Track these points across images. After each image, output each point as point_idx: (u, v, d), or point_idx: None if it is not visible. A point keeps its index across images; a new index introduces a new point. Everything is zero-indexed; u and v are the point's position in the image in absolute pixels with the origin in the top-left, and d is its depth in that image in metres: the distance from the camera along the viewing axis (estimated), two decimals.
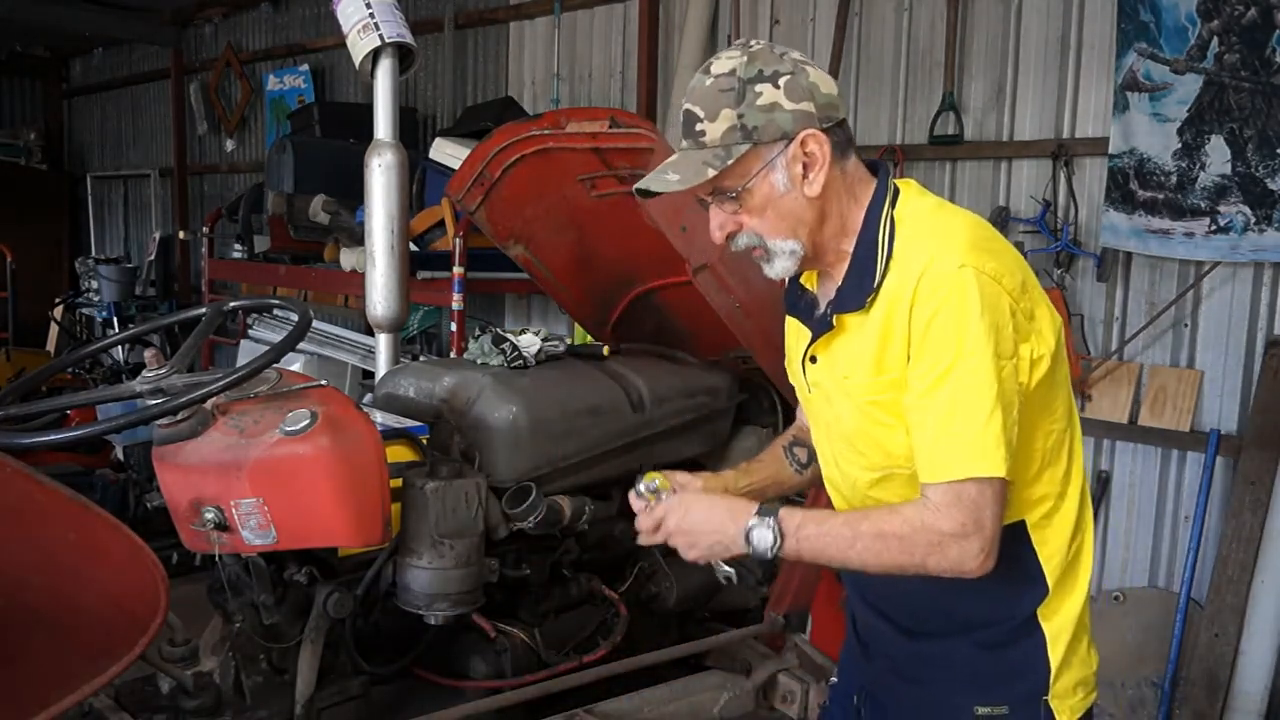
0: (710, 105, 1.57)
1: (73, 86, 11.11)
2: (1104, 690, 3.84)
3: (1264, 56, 3.43)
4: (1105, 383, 3.92)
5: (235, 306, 2.37)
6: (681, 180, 1.58)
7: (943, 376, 1.49)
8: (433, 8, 6.50)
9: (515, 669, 2.34)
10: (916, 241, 1.57)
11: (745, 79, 1.56)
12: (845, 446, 1.72)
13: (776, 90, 1.56)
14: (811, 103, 1.57)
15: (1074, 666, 1.66)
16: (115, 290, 7.76)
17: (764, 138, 1.57)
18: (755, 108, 1.56)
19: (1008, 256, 1.58)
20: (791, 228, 1.61)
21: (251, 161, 8.39)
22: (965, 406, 1.48)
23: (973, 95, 4.25)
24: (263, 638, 2.10)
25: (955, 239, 1.54)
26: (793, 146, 1.57)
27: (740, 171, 1.58)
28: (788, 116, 1.56)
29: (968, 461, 1.48)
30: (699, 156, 1.58)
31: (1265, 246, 3.49)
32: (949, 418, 1.49)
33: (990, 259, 1.52)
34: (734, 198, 1.61)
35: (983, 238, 1.58)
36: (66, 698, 1.37)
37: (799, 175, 1.58)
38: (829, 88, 1.60)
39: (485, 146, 2.68)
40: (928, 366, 1.51)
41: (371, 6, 3.15)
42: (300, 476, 1.87)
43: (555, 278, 2.98)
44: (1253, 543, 3.48)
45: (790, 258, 1.63)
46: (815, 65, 1.62)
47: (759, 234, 1.63)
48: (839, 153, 1.60)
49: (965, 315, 1.47)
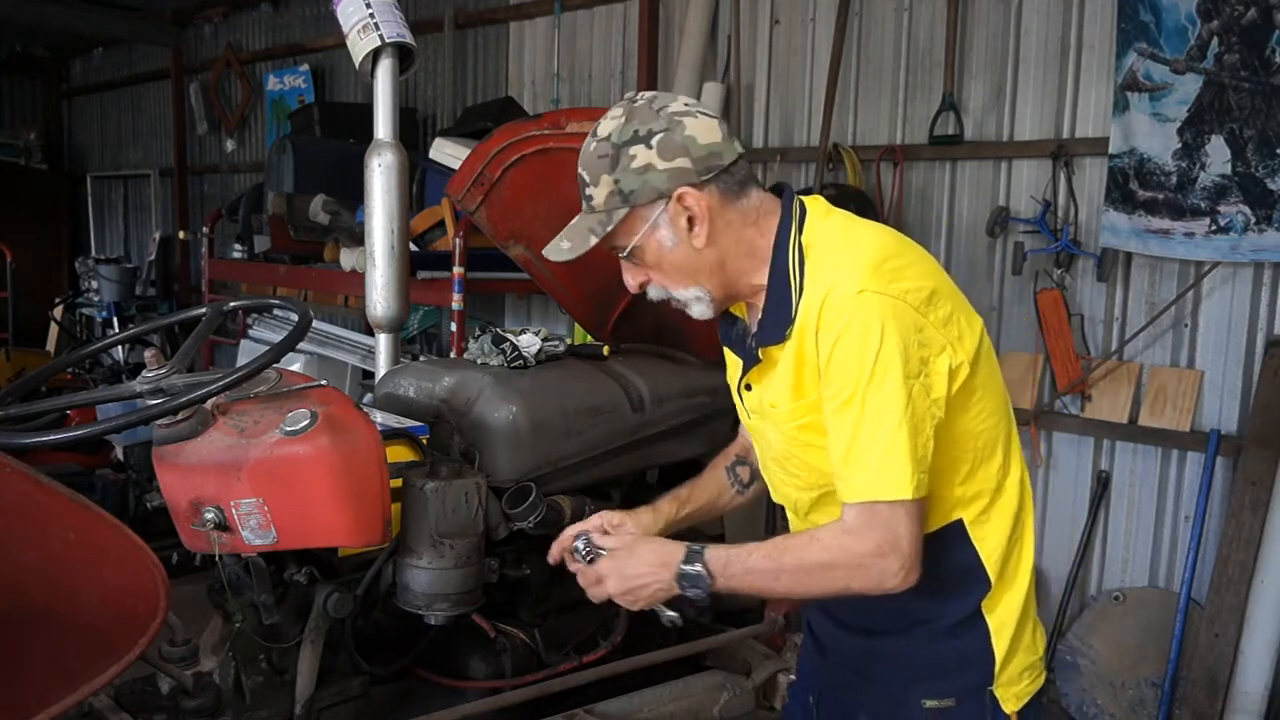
0: (592, 171, 1.64)
1: (73, 86, 11.11)
2: (1104, 690, 3.85)
3: (1264, 56, 3.43)
4: (1105, 383, 3.92)
5: (235, 306, 2.37)
6: (572, 248, 1.65)
7: (848, 402, 1.52)
8: (433, 8, 6.50)
9: (515, 669, 2.34)
10: (822, 266, 1.58)
11: (619, 143, 1.61)
12: (780, 470, 1.77)
13: (649, 150, 1.59)
14: (686, 158, 1.59)
15: (1019, 654, 1.69)
16: (115, 290, 7.75)
17: (640, 200, 1.61)
18: (629, 171, 1.60)
19: (915, 269, 1.58)
20: (690, 277, 1.66)
21: (251, 161, 8.39)
22: (872, 431, 1.50)
23: (973, 95, 4.25)
24: (263, 638, 2.10)
25: (857, 262, 1.55)
26: (671, 204, 1.60)
27: (625, 232, 1.64)
28: (661, 176, 1.59)
29: (877, 485, 1.51)
30: (585, 223, 1.65)
31: (1265, 246, 3.49)
32: (857, 441, 1.52)
33: (892, 278, 1.53)
34: (629, 256, 1.67)
35: (887, 255, 1.57)
36: (66, 698, 1.38)
37: (684, 229, 1.61)
38: (710, 136, 1.60)
39: (485, 146, 2.68)
40: (835, 391, 1.53)
41: (371, 6, 3.15)
42: (300, 476, 1.87)
43: (555, 278, 2.98)
44: (1253, 543, 3.48)
45: (700, 303, 1.68)
46: (700, 113, 1.62)
47: (663, 286, 1.69)
48: (731, 196, 1.63)
49: (866, 341, 1.49)
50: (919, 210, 4.42)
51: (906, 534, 1.51)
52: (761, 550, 1.61)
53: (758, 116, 4.96)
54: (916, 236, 4.37)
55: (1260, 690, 3.42)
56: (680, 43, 5.09)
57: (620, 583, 1.69)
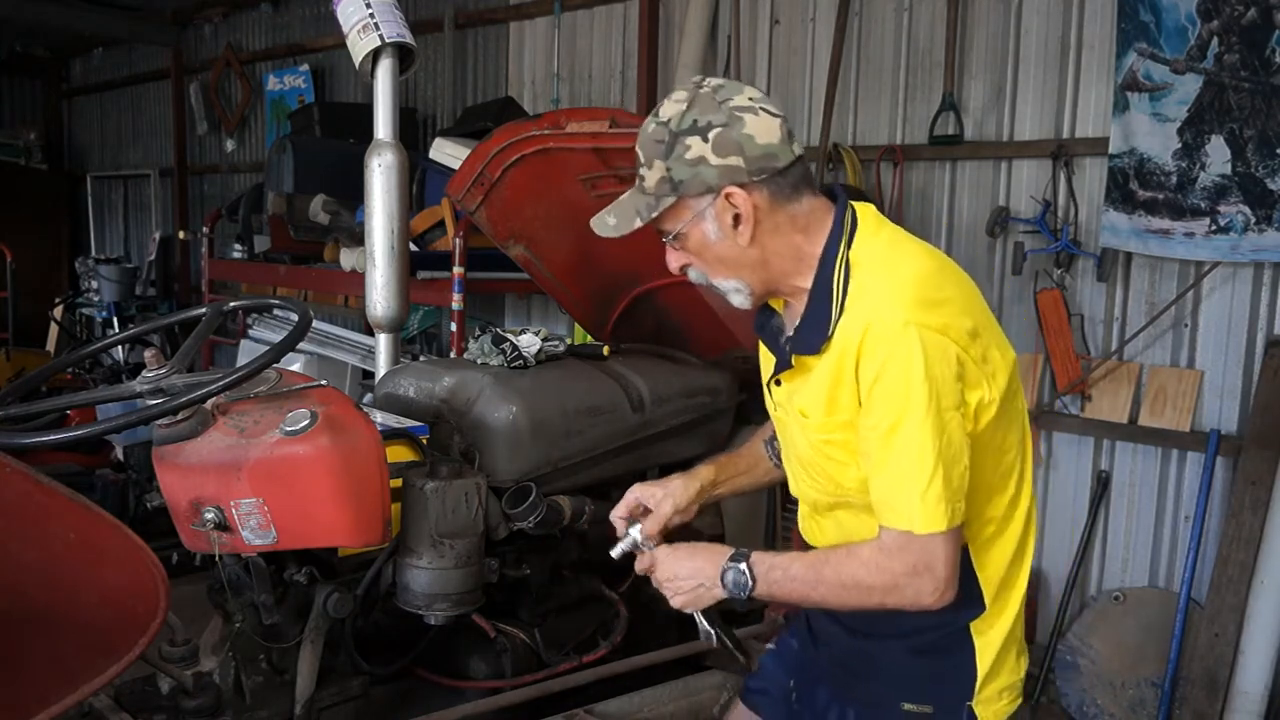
0: (648, 153, 1.64)
1: (73, 86, 11.11)
2: (1104, 690, 3.85)
3: (1264, 56, 3.43)
4: (1105, 383, 3.93)
5: (235, 306, 2.37)
6: (617, 225, 1.68)
7: (889, 432, 1.54)
8: (433, 8, 6.50)
9: (515, 669, 2.34)
10: (867, 290, 1.59)
11: (677, 131, 1.60)
12: (800, 470, 1.81)
13: (705, 144, 1.59)
14: (740, 157, 1.58)
15: (1001, 675, 1.74)
16: (115, 290, 7.75)
17: (689, 191, 1.61)
18: (682, 161, 1.60)
19: (956, 303, 1.60)
20: (732, 270, 1.68)
21: (251, 161, 8.39)
22: (910, 464, 1.54)
23: (973, 95, 4.25)
24: (263, 638, 2.10)
25: (903, 291, 1.56)
26: (719, 200, 1.61)
27: (672, 219, 1.65)
28: (713, 172, 1.59)
29: (914, 517, 1.55)
30: (634, 203, 1.66)
31: (1265, 246, 3.49)
32: (896, 472, 1.55)
33: (937, 312, 1.56)
34: (674, 241, 1.68)
35: (932, 286, 1.59)
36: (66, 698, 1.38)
37: (729, 225, 1.62)
38: (768, 137, 1.60)
39: (485, 146, 2.69)
40: (875, 420, 1.56)
41: (371, 6, 3.15)
42: (300, 476, 1.87)
43: (555, 278, 2.98)
44: (1253, 543, 3.48)
45: (739, 294, 1.71)
46: (763, 109, 1.61)
47: (704, 273, 1.70)
48: (781, 199, 1.62)
49: (909, 374, 1.51)
50: (919, 210, 4.42)
51: (943, 558, 1.55)
52: (803, 560, 1.67)
53: None
54: (916, 236, 4.40)
55: (1260, 690, 3.42)
56: (680, 43, 5.09)
57: (669, 573, 1.75)
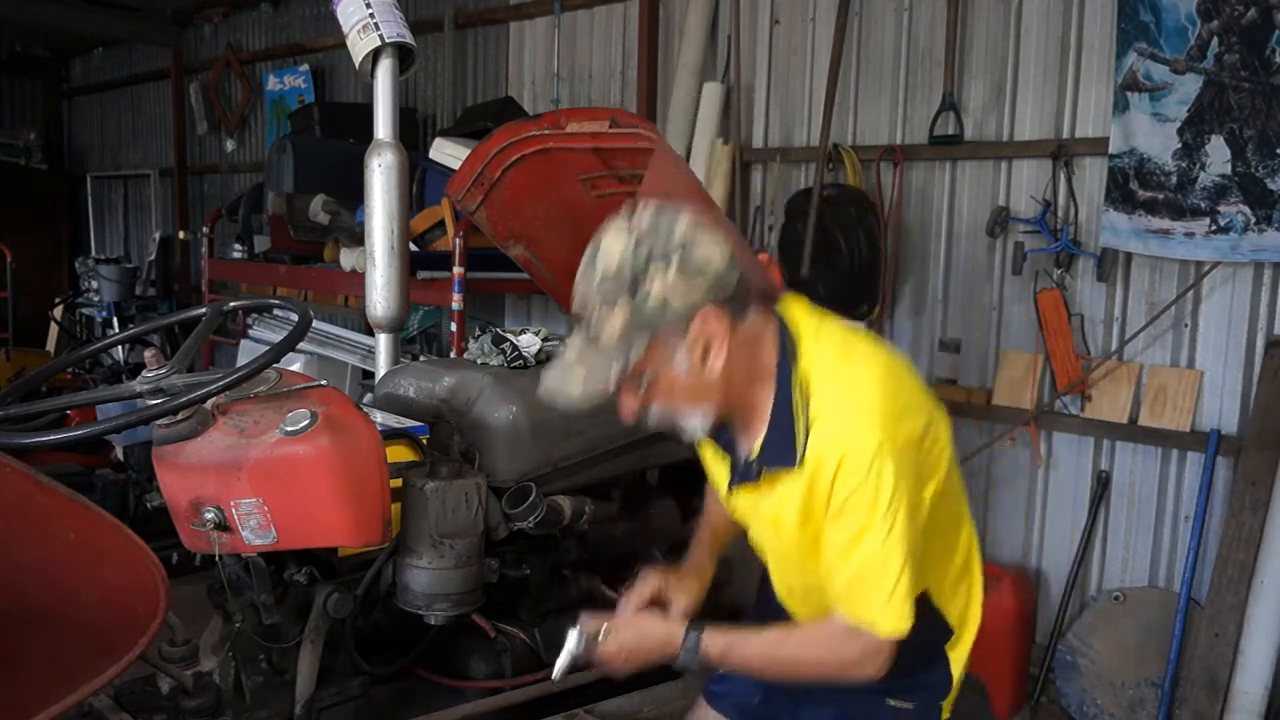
0: (605, 299, 1.57)
1: (73, 86, 11.11)
2: (1104, 690, 3.85)
3: (1264, 56, 3.43)
4: (1105, 383, 3.92)
5: (235, 306, 2.38)
6: (586, 389, 1.59)
7: (857, 538, 1.61)
8: (433, 8, 6.50)
9: (515, 669, 2.34)
10: (831, 408, 1.62)
11: (633, 273, 1.55)
12: (774, 562, 1.90)
13: (666, 278, 1.54)
14: (703, 279, 1.56)
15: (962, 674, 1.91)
16: (115, 290, 7.75)
17: (661, 329, 1.57)
18: (647, 303, 1.55)
19: (911, 402, 1.66)
20: (698, 400, 1.65)
21: (251, 161, 8.39)
22: (877, 569, 1.61)
23: (973, 95, 4.25)
24: (263, 638, 2.10)
25: (870, 409, 1.60)
26: (691, 330, 1.58)
27: (646, 362, 1.59)
28: (681, 306, 1.56)
29: (877, 618, 1.64)
30: (599, 360, 1.58)
31: (1265, 246, 3.48)
32: (863, 575, 1.63)
33: (901, 425, 1.61)
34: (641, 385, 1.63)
35: (891, 394, 1.64)
36: (66, 698, 1.38)
37: (699, 357, 1.60)
38: (719, 258, 1.58)
39: (485, 146, 2.69)
40: (843, 527, 1.62)
41: (371, 6, 3.15)
42: (300, 476, 1.87)
43: (555, 278, 2.98)
44: (1253, 543, 3.48)
45: (702, 423, 1.69)
46: (704, 231, 1.59)
47: (666, 411, 1.67)
48: (738, 318, 1.62)
49: (879, 493, 1.58)
50: (919, 210, 4.42)
51: (891, 643, 1.66)
52: (757, 642, 1.76)
53: (758, 116, 4.96)
54: (916, 237, 4.41)
55: (1260, 690, 3.42)
56: (680, 43, 5.09)
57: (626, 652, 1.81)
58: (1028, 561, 4.21)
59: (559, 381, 1.62)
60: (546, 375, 1.64)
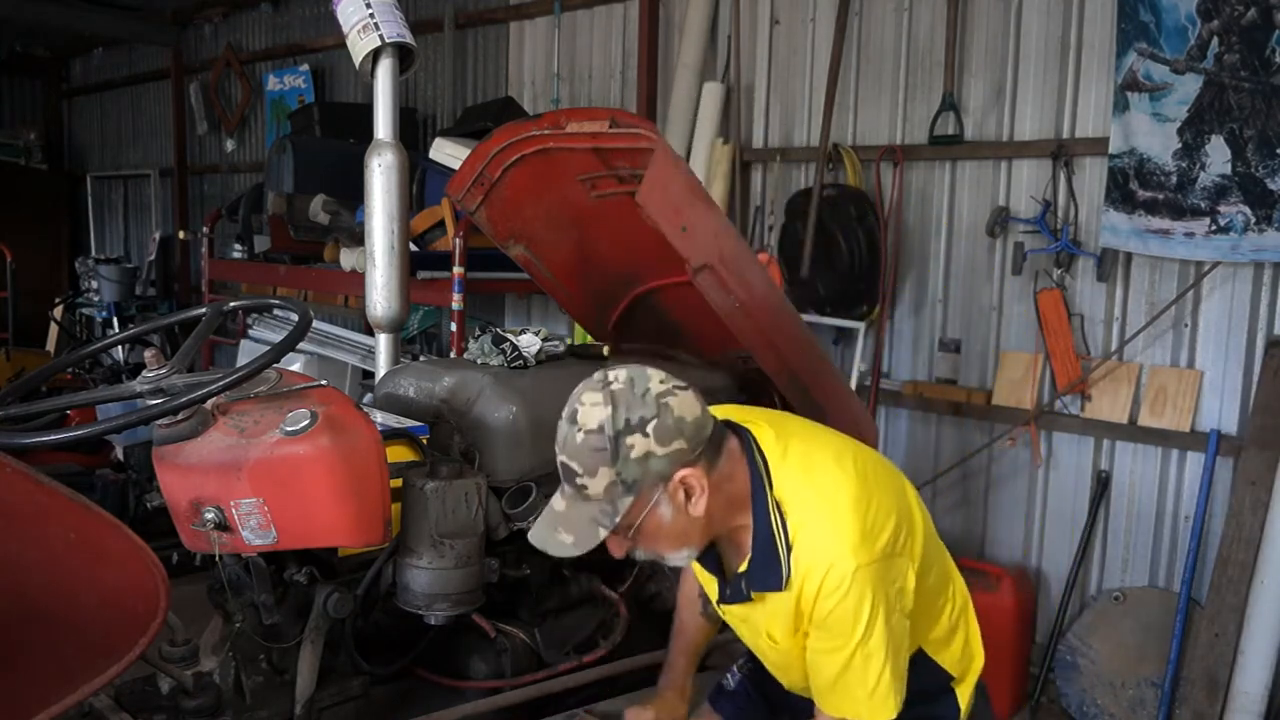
0: (587, 463, 1.64)
1: (73, 86, 11.11)
2: (1104, 690, 3.85)
3: (1264, 56, 3.43)
4: (1105, 383, 3.92)
5: (235, 306, 2.37)
6: (576, 542, 1.68)
7: (838, 649, 1.70)
8: (433, 8, 6.50)
9: (515, 669, 2.34)
10: (809, 526, 1.71)
11: (614, 433, 1.63)
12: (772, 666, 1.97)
13: (647, 439, 1.63)
14: (681, 438, 1.64)
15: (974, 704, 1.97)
16: (115, 290, 7.75)
17: (644, 487, 1.65)
18: (630, 461, 1.63)
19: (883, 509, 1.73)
20: (683, 540, 1.74)
21: (251, 161, 8.39)
22: (857, 673, 1.70)
23: (973, 95, 4.25)
24: (263, 638, 2.10)
25: (847, 529, 1.68)
26: (672, 484, 1.66)
27: (631, 515, 1.68)
28: (663, 462, 1.64)
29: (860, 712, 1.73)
30: (587, 512, 1.67)
31: (1265, 246, 3.49)
32: (844, 678, 1.71)
33: (877, 540, 1.69)
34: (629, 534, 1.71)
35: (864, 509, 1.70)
36: (66, 698, 1.38)
37: (682, 503, 1.68)
38: (693, 412, 1.67)
39: (485, 146, 2.68)
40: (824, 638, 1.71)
41: (371, 6, 3.15)
42: (300, 476, 1.87)
43: (555, 278, 2.98)
44: (1253, 543, 3.48)
45: (687, 559, 1.81)
46: (675, 389, 1.67)
47: (654, 551, 1.76)
48: (714, 460, 1.71)
49: (860, 608, 1.67)
50: (919, 210, 4.43)
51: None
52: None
53: (758, 116, 4.96)
54: (917, 236, 4.41)
55: (1260, 690, 3.42)
56: (680, 43, 5.09)
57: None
58: (1028, 561, 4.21)
59: (550, 533, 1.71)
60: (538, 526, 1.73)
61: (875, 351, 4.53)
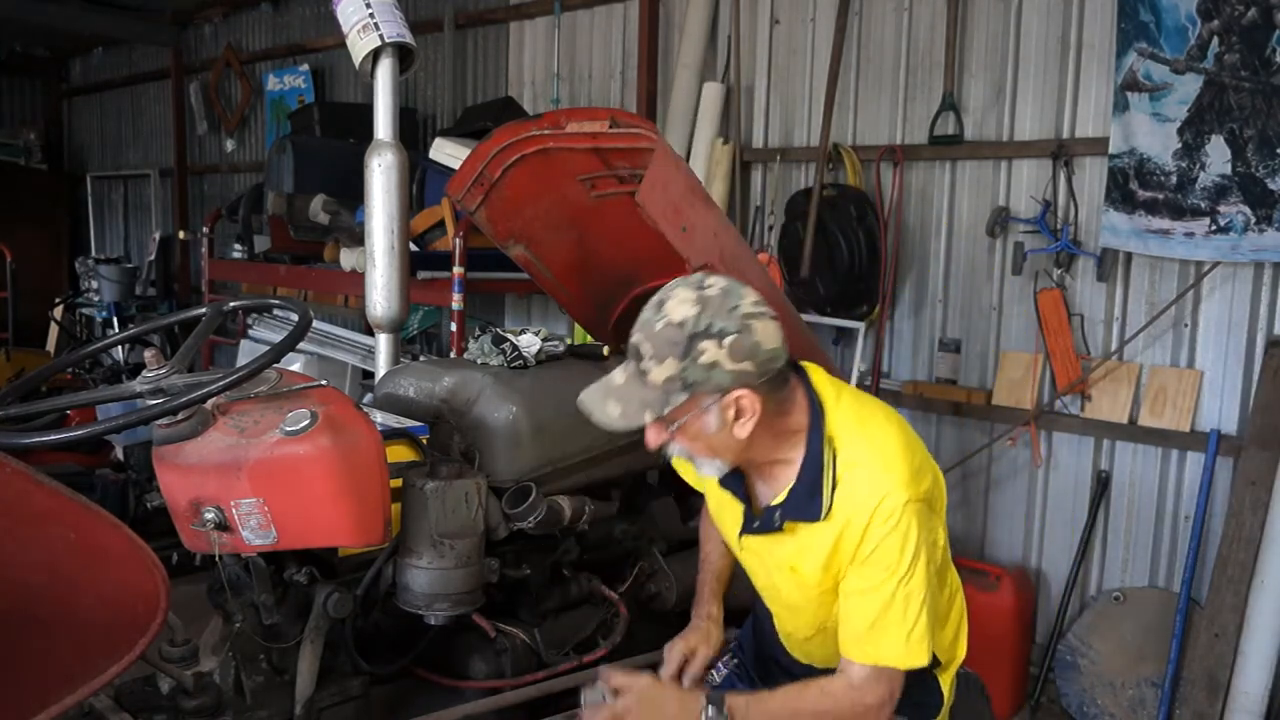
0: (658, 349, 1.69)
1: (73, 86, 11.11)
2: (1104, 690, 3.85)
3: (1264, 56, 3.43)
4: (1105, 383, 3.93)
5: (235, 306, 2.37)
6: (623, 416, 1.73)
7: (879, 586, 1.74)
8: (433, 8, 6.50)
9: (515, 669, 2.34)
10: (858, 464, 1.77)
11: (692, 333, 1.67)
12: (783, 609, 2.01)
13: (720, 349, 1.66)
14: (752, 361, 1.68)
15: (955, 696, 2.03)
16: (115, 290, 7.75)
17: (701, 390, 1.69)
18: (697, 364, 1.67)
19: (926, 463, 1.82)
20: (720, 453, 1.79)
21: (251, 161, 8.39)
22: (898, 612, 1.74)
23: (973, 95, 4.25)
24: (263, 638, 2.10)
25: (896, 469, 1.75)
26: (727, 399, 1.70)
27: (676, 412, 1.72)
28: (727, 376, 1.68)
29: (897, 655, 1.76)
30: (641, 395, 1.71)
31: (1265, 246, 3.49)
32: (883, 618, 1.74)
33: (921, 482, 1.77)
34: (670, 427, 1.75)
35: (910, 455, 1.78)
36: (66, 698, 1.38)
37: (730, 420, 1.73)
38: (773, 342, 1.71)
39: (485, 146, 2.68)
40: (867, 575, 1.75)
41: (371, 6, 3.15)
42: (301, 476, 1.87)
43: (555, 278, 2.98)
44: (1253, 543, 3.48)
45: (718, 470, 1.84)
46: (765, 314, 1.71)
47: (688, 451, 1.80)
48: (776, 392, 1.76)
49: (906, 544, 1.72)
50: (919, 210, 4.43)
51: (900, 687, 1.79)
52: (777, 699, 1.84)
53: (758, 116, 4.96)
54: (916, 236, 4.41)
55: (1260, 690, 3.42)
56: (680, 43, 5.09)
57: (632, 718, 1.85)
58: (1028, 561, 4.21)
59: (600, 401, 1.75)
60: (590, 390, 1.78)
61: (875, 351, 4.54)
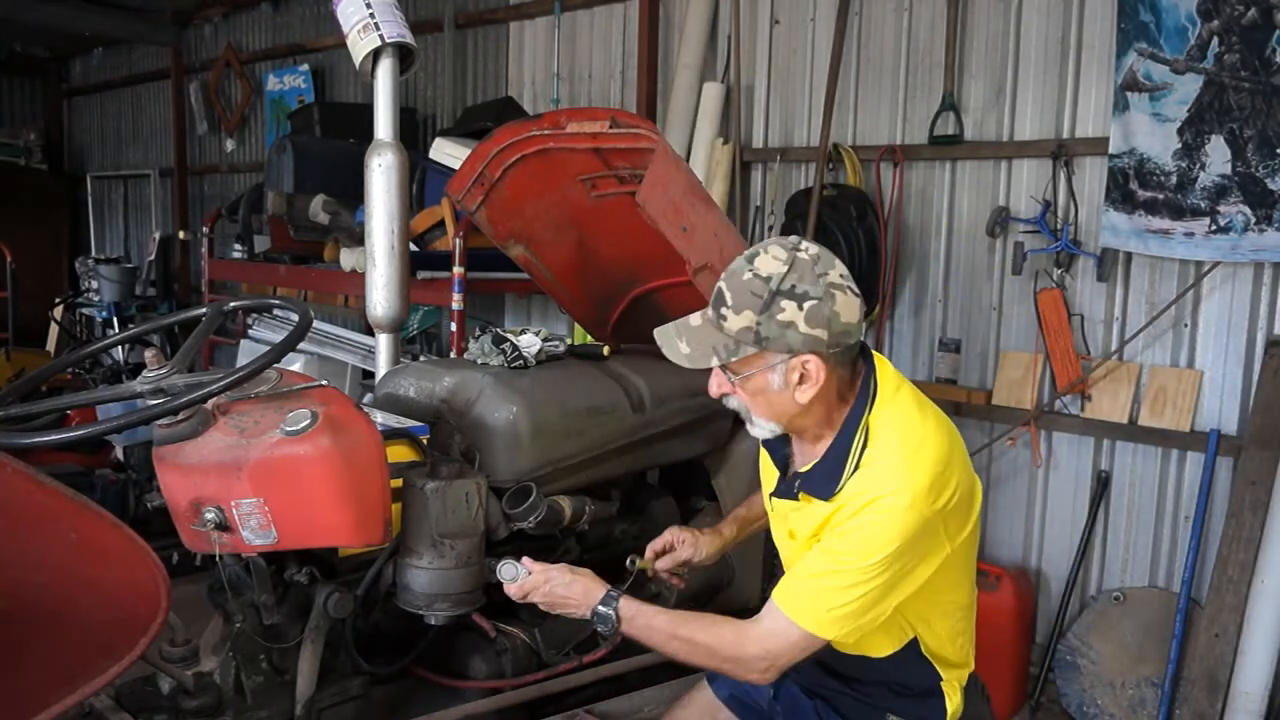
0: (739, 298, 1.74)
1: (73, 86, 11.11)
2: (1104, 690, 3.85)
3: (1264, 56, 3.43)
4: (1105, 383, 3.92)
5: (235, 306, 2.37)
6: (690, 356, 1.79)
7: (840, 555, 1.74)
8: (433, 8, 6.50)
9: (515, 669, 2.34)
10: (882, 461, 1.76)
11: (776, 290, 1.71)
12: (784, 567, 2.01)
13: (799, 311, 1.71)
14: (826, 330, 1.72)
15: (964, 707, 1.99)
16: (115, 290, 7.74)
17: (772, 348, 1.74)
18: (774, 320, 1.71)
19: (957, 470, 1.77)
20: (774, 414, 1.83)
21: (251, 161, 8.39)
22: (840, 585, 1.73)
23: (973, 95, 4.25)
24: (263, 638, 2.10)
25: (917, 473, 1.72)
26: (794, 360, 1.74)
27: (746, 365, 1.77)
28: (800, 338, 1.72)
29: (812, 617, 1.75)
30: (712, 340, 1.77)
31: (1265, 246, 3.49)
32: (824, 581, 1.75)
33: (940, 495, 1.73)
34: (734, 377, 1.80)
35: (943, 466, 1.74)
36: (66, 698, 1.37)
37: (794, 382, 1.76)
38: (851, 316, 1.74)
39: (485, 146, 2.69)
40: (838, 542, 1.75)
41: (371, 6, 3.15)
42: (301, 476, 1.87)
43: (555, 278, 2.98)
44: (1253, 543, 3.48)
45: (768, 431, 1.87)
46: (849, 289, 1.74)
47: (745, 406, 1.84)
48: (842, 368, 1.79)
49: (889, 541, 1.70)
50: (919, 210, 4.43)
51: (791, 658, 1.78)
52: (666, 615, 1.88)
53: (758, 116, 4.96)
54: (916, 236, 4.41)
55: (1260, 690, 3.42)
56: (680, 43, 5.09)
57: (547, 594, 1.94)
58: (1028, 561, 4.21)
59: (674, 338, 1.81)
60: (666, 327, 1.83)
61: None
